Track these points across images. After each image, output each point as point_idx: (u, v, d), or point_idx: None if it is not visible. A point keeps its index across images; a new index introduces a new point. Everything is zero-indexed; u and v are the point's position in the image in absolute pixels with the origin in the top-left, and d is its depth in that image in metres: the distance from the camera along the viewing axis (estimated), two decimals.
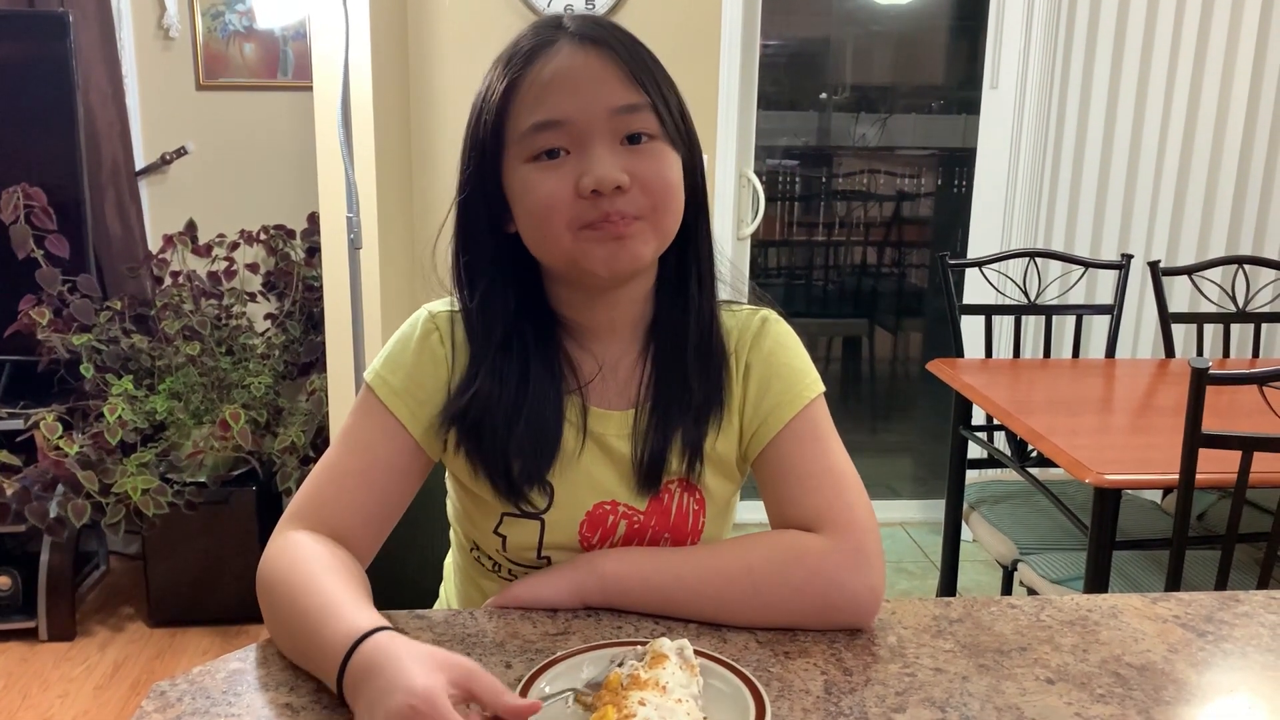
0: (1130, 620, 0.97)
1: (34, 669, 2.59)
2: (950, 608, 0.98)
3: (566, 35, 0.91)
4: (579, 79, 0.89)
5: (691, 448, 1.01)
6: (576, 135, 0.89)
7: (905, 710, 0.80)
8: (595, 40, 0.91)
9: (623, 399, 1.02)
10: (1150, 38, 3.08)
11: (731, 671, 0.81)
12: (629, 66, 0.90)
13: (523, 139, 0.90)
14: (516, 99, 0.91)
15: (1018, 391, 2.26)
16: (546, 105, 0.89)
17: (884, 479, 3.78)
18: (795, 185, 3.76)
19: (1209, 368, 1.58)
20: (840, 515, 0.96)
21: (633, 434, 1.01)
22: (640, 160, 0.90)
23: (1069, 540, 2.17)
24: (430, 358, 1.00)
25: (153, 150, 3.07)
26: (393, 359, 1.01)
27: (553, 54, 0.90)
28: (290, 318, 2.98)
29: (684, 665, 0.79)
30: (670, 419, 1.00)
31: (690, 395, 1.00)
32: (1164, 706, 0.82)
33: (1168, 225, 3.20)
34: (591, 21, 0.93)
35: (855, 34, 3.67)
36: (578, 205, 0.89)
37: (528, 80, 0.90)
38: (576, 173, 0.89)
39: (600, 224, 0.90)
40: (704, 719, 0.74)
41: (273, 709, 0.79)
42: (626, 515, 1.02)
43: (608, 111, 0.89)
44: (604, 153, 0.89)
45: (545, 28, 0.93)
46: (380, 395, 0.98)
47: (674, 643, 0.80)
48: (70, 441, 2.53)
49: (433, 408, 0.99)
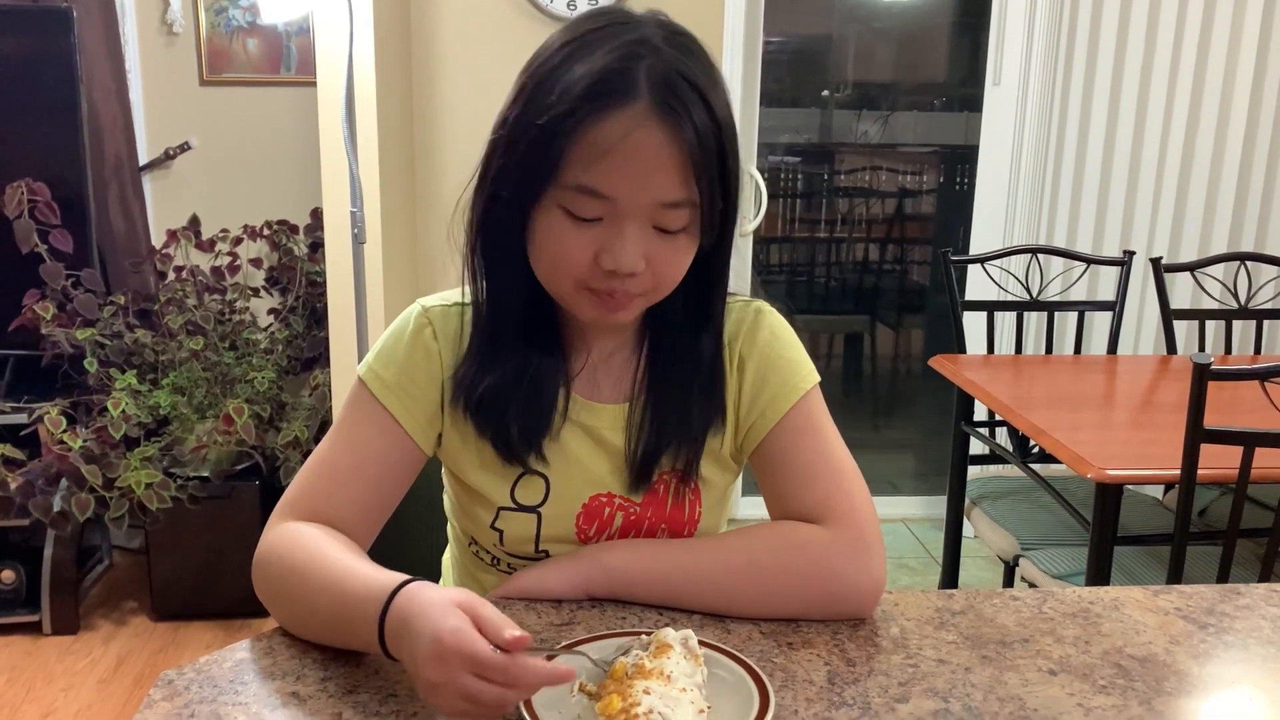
0: (1132, 612, 0.97)
1: (38, 663, 2.59)
2: (953, 599, 0.99)
3: (645, 93, 0.84)
4: (640, 164, 0.84)
5: (688, 449, 1.01)
6: (615, 211, 0.87)
7: (908, 700, 0.81)
8: (673, 113, 0.84)
9: (616, 392, 1.03)
10: (1153, 34, 3.08)
11: (735, 661, 0.82)
12: (693, 156, 0.85)
13: (565, 188, 0.86)
14: (574, 145, 0.85)
15: (1019, 387, 2.27)
16: (599, 175, 0.85)
17: (886, 475, 3.78)
18: (797, 182, 3.77)
19: (1211, 363, 1.59)
20: (840, 506, 0.97)
21: (626, 428, 1.02)
22: (662, 250, 0.89)
23: (1070, 536, 2.18)
24: (423, 353, 1.00)
25: (156, 145, 3.07)
26: (385, 353, 1.01)
27: (625, 118, 0.84)
28: (293, 313, 2.99)
29: (688, 655, 0.79)
30: (665, 417, 1.00)
31: (687, 395, 1.00)
32: (1165, 698, 0.82)
33: (1170, 221, 3.20)
34: (675, 74, 0.85)
35: (857, 31, 3.67)
36: (591, 271, 0.89)
37: (592, 134, 0.84)
38: (600, 243, 0.88)
39: (602, 294, 0.90)
40: (708, 708, 0.75)
41: (279, 697, 0.80)
42: (623, 507, 1.03)
43: (655, 203, 0.86)
44: (634, 236, 0.87)
45: (629, 63, 0.85)
46: (374, 390, 0.99)
47: (679, 633, 0.81)
48: (74, 436, 2.54)
49: (426, 403, 1.00)
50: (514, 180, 0.89)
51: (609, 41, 0.86)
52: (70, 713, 2.38)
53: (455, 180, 0.96)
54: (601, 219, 0.87)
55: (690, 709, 0.73)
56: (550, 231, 0.89)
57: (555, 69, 0.87)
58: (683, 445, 1.01)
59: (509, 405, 0.97)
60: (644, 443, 1.00)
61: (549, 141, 0.85)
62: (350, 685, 0.81)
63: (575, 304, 0.93)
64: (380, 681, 0.82)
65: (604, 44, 0.86)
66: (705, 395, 1.01)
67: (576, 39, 0.88)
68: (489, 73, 2.95)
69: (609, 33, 0.87)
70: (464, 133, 2.98)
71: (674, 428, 1.00)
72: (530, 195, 0.88)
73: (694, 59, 0.87)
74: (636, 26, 0.88)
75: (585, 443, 1.02)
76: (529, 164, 0.87)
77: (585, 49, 0.87)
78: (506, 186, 0.89)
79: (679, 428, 1.00)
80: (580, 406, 1.02)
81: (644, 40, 0.86)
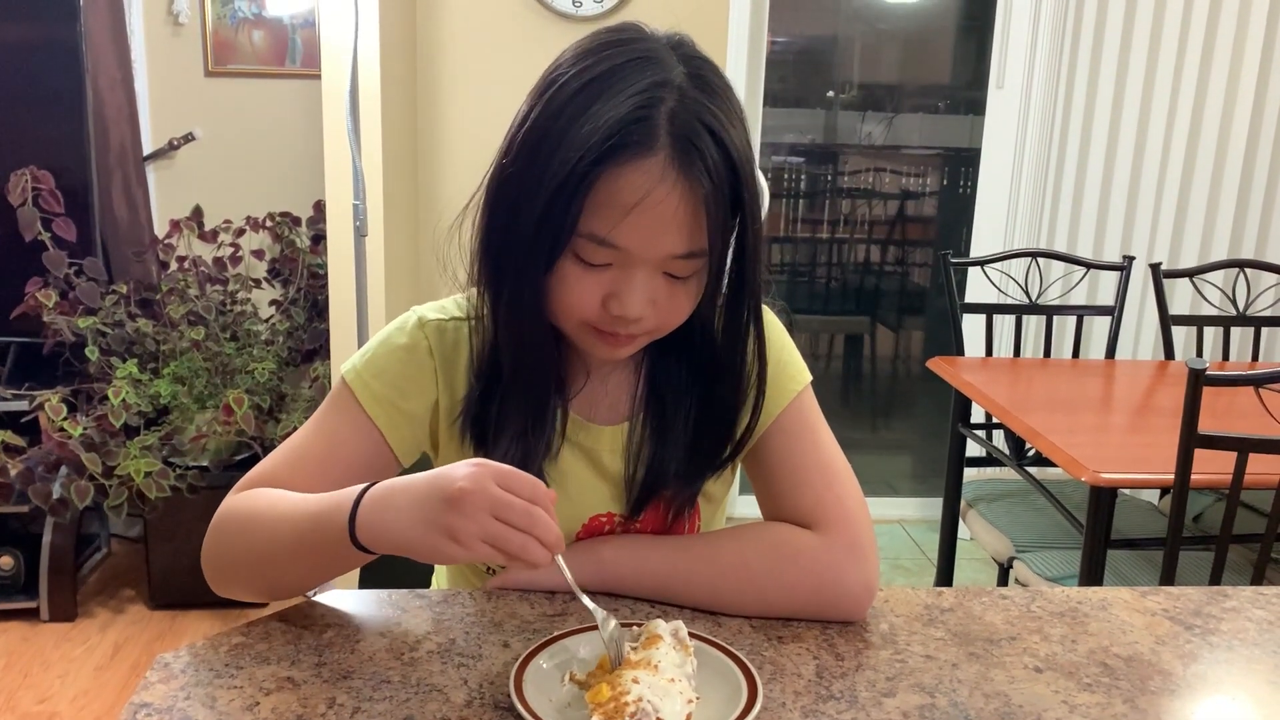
0: (1119, 612, 0.98)
1: (35, 649, 2.60)
2: (942, 597, 1.00)
3: (665, 144, 0.81)
4: (655, 220, 0.83)
5: (690, 487, 1.00)
6: (626, 260, 0.86)
7: (895, 695, 0.82)
8: (691, 166, 0.82)
9: (614, 413, 1.02)
10: (1156, 40, 3.08)
11: (725, 654, 0.83)
12: (709, 208, 0.83)
13: (580, 237, 0.84)
14: (589, 197, 0.82)
15: (1017, 390, 2.27)
16: (614, 229, 0.83)
17: (882, 476, 3.79)
18: (800, 182, 3.77)
19: (1206, 368, 1.60)
20: (833, 510, 0.97)
21: (625, 451, 1.01)
22: (669, 294, 0.88)
23: (1065, 539, 2.18)
24: (417, 369, 0.99)
25: (160, 135, 3.08)
26: (376, 363, 0.99)
27: (642, 172, 0.81)
28: (295, 304, 3.00)
29: (678, 646, 0.80)
30: (665, 445, 0.99)
31: (691, 424, 0.99)
32: (1150, 696, 0.83)
33: (1170, 227, 3.21)
34: (696, 122, 0.82)
35: (862, 32, 3.67)
36: (598, 313, 0.88)
37: (609, 188, 0.82)
38: (609, 288, 0.87)
39: (606, 334, 0.90)
40: (697, 698, 0.76)
41: (274, 681, 0.80)
42: (622, 525, 1.03)
43: (666, 255, 0.85)
44: (643, 283, 0.86)
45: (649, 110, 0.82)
46: (360, 399, 0.97)
47: (669, 624, 0.82)
48: (74, 423, 2.55)
49: (413, 419, 0.99)
50: (530, 225, 0.84)
51: (630, 81, 0.82)
52: (66, 699, 2.39)
53: (457, 174, 0.96)
54: (611, 264, 0.86)
55: (679, 699, 0.74)
56: (560, 275, 0.87)
57: (571, 101, 0.83)
58: (685, 484, 1.00)
59: (508, 430, 0.96)
60: (643, 471, 1.00)
61: (565, 192, 0.82)
62: (344, 671, 0.82)
63: (579, 339, 0.92)
64: (374, 668, 0.83)
65: (624, 84, 0.82)
66: (717, 435, 0.98)
67: (595, 68, 0.84)
68: (493, 67, 2.96)
69: (630, 70, 0.83)
70: (467, 126, 2.99)
71: (677, 459, 0.99)
72: (546, 242, 0.85)
73: (716, 98, 0.85)
74: (657, 62, 0.84)
75: (584, 465, 1.02)
76: (544, 210, 0.83)
77: (604, 85, 0.83)
78: (517, 227, 0.86)
79: (682, 463, 0.99)
80: (578, 427, 1.01)
81: (665, 82, 0.83)
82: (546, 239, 0.85)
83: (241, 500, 0.94)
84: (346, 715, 0.76)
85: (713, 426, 0.98)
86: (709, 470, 1.01)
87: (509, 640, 0.88)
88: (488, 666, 0.84)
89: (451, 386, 0.99)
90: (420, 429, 1.00)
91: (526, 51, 2.94)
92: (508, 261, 0.89)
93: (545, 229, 0.84)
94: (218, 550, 0.94)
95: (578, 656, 0.83)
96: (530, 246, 0.86)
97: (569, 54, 0.87)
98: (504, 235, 0.88)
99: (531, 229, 0.85)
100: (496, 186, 0.89)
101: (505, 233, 0.88)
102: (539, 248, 0.85)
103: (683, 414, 0.99)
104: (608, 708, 0.73)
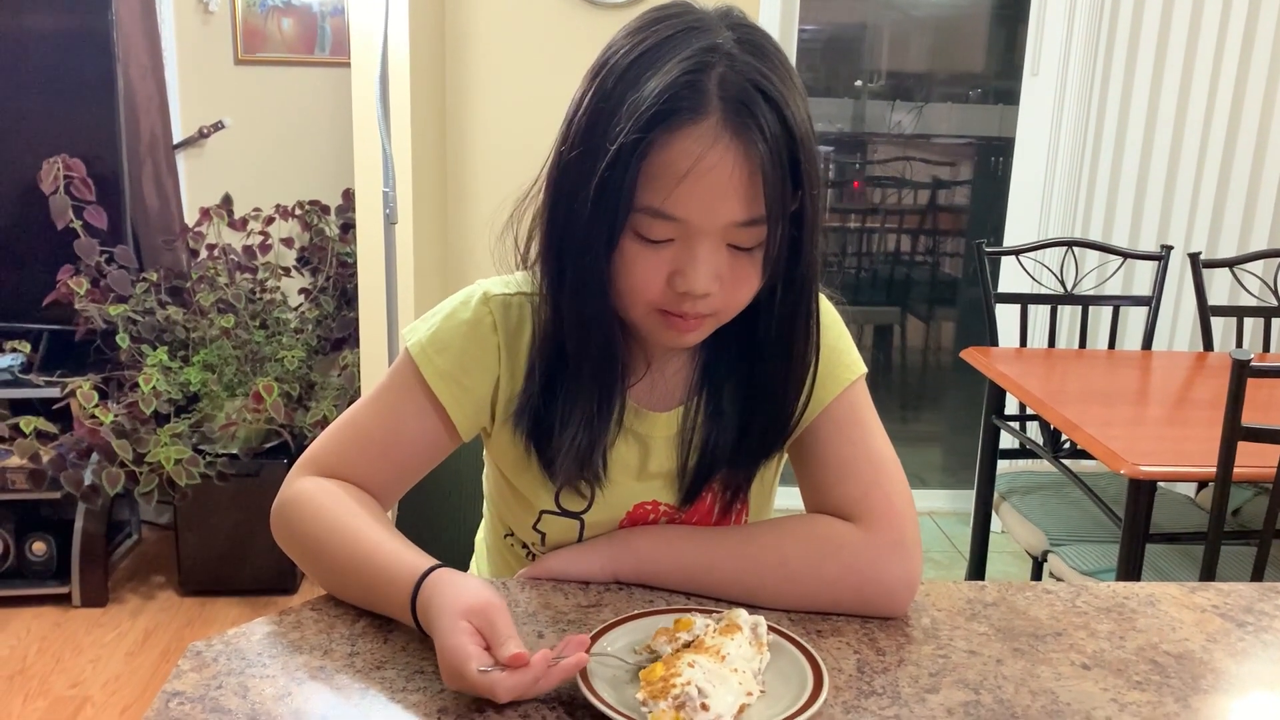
0: (1168, 609, 0.95)
1: (67, 634, 2.62)
2: (984, 591, 0.98)
3: (717, 108, 0.80)
4: (712, 186, 0.81)
5: (743, 472, 0.99)
6: (687, 232, 0.83)
7: (939, 691, 0.80)
8: (745, 128, 0.80)
9: (669, 399, 1.00)
10: (1196, 24, 3.02)
11: (806, 657, 0.80)
12: (766, 173, 0.81)
13: (635, 211, 0.83)
14: (644, 169, 0.81)
15: (1052, 381, 2.24)
16: (671, 199, 0.81)
17: (913, 468, 3.74)
18: (830, 171, 3.74)
19: (1251, 359, 1.56)
20: (878, 505, 0.94)
21: (678, 437, 0.99)
22: (734, 268, 0.86)
23: (1100, 532, 2.15)
24: (481, 347, 0.97)
25: (190, 124, 3.08)
26: (441, 338, 0.97)
27: (695, 138, 0.80)
28: (324, 293, 3.00)
29: (753, 640, 0.79)
30: (719, 430, 0.97)
31: (747, 409, 0.97)
32: (1202, 695, 0.81)
33: (1209, 216, 3.15)
34: (747, 84, 0.80)
35: (893, 20, 3.63)
36: (664, 292, 0.86)
37: (663, 157, 0.80)
38: (674, 264, 0.85)
39: (673, 316, 0.87)
40: (760, 693, 0.74)
41: (306, 671, 0.80)
42: (668, 513, 1.02)
43: (728, 223, 0.83)
44: (707, 256, 0.84)
45: (698, 75, 0.80)
46: (425, 373, 0.96)
47: (751, 618, 0.81)
48: (105, 410, 2.56)
49: (477, 395, 0.98)
50: (587, 205, 0.83)
51: (679, 50, 0.81)
52: (98, 684, 2.41)
53: (487, 162, 0.94)
54: (673, 240, 0.84)
55: (737, 690, 0.73)
56: (623, 255, 0.85)
57: (622, 78, 0.82)
58: (737, 469, 0.98)
59: (574, 418, 0.94)
60: (696, 458, 0.98)
61: (619, 165, 0.81)
62: (378, 661, 0.81)
63: (647, 327, 0.90)
64: (407, 658, 0.82)
65: (673, 52, 0.81)
66: (770, 418, 0.96)
67: (645, 43, 0.83)
68: (522, 54, 2.95)
69: (679, 40, 0.82)
70: (497, 114, 2.97)
71: (729, 446, 0.97)
72: (605, 221, 0.83)
73: (768, 62, 0.82)
74: (707, 30, 0.83)
75: (637, 452, 1.00)
76: (600, 187, 0.82)
77: (654, 57, 0.82)
78: (576, 208, 0.84)
79: (735, 449, 0.97)
80: (633, 414, 0.99)
81: (715, 47, 0.81)
82: (605, 216, 0.83)
83: (308, 501, 0.94)
84: (380, 706, 0.75)
85: (765, 408, 0.96)
86: (762, 454, 0.98)
87: (543, 630, 0.87)
88: None
89: (514, 364, 0.98)
90: (482, 407, 0.99)
91: (555, 38, 2.93)
92: (569, 244, 0.87)
93: (603, 206, 0.82)
94: (283, 531, 0.97)
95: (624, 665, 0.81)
96: (590, 226, 0.84)
97: (620, 35, 0.87)
98: (565, 218, 0.86)
99: (590, 208, 0.83)
100: (557, 173, 0.88)
101: (566, 216, 0.86)
102: (599, 226, 0.83)
103: (736, 397, 0.97)
104: (655, 686, 0.72)
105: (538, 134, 0.92)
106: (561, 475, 0.96)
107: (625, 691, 0.75)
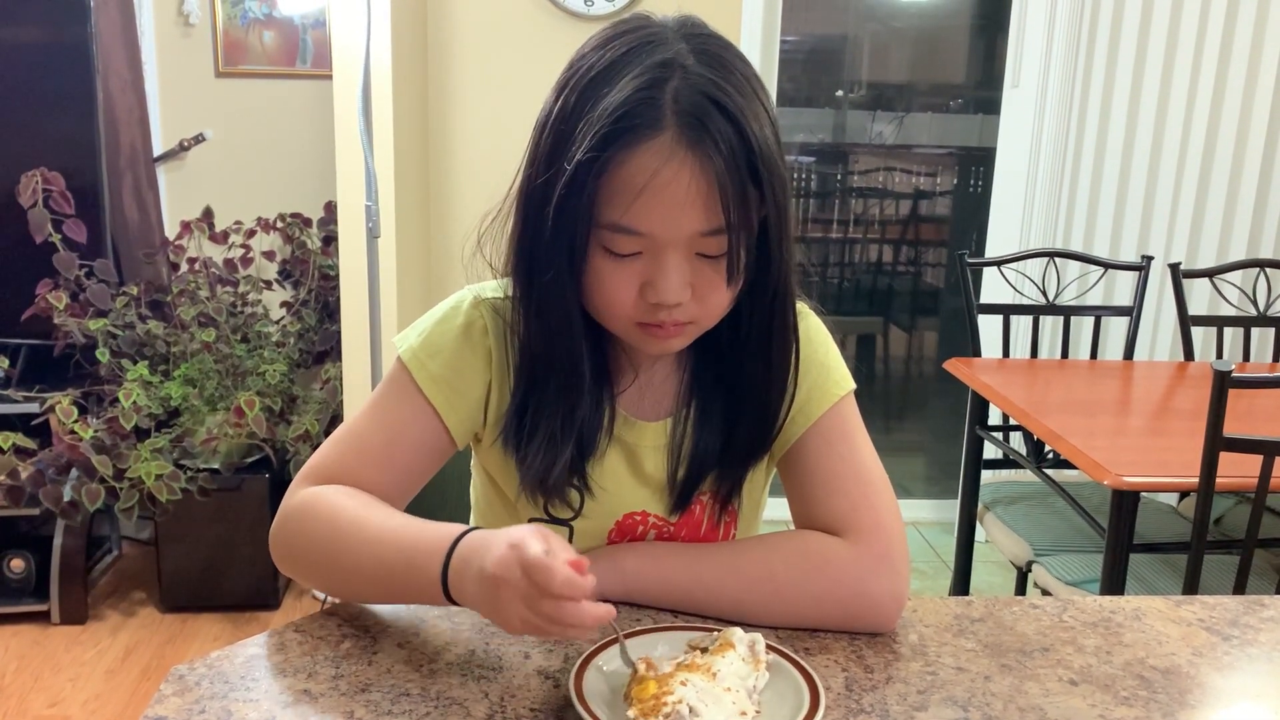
0: (1154, 623, 0.96)
1: (46, 652, 2.59)
2: (972, 607, 0.98)
3: (671, 122, 0.81)
4: (671, 199, 0.81)
5: (730, 479, 0.99)
6: (653, 245, 0.85)
7: (927, 709, 0.80)
8: (699, 142, 0.80)
9: (658, 409, 1.01)
10: (1174, 37, 3.05)
11: (804, 676, 0.80)
12: (726, 181, 0.81)
13: (601, 228, 0.84)
14: (604, 186, 0.82)
15: (1035, 392, 2.25)
16: (631, 214, 0.82)
17: (896, 478, 3.70)
18: (811, 182, 3.75)
19: (1232, 370, 1.57)
20: (866, 520, 0.94)
21: (668, 447, 1.00)
22: (704, 275, 0.86)
23: (1084, 542, 2.16)
24: (472, 350, 0.98)
25: (171, 137, 3.07)
26: (432, 342, 0.98)
27: (651, 153, 0.81)
28: (305, 306, 2.98)
29: (749, 658, 0.78)
30: (707, 439, 0.98)
31: (733, 417, 0.97)
32: (1189, 710, 0.81)
33: (1188, 227, 3.17)
34: (702, 97, 0.81)
35: (873, 31, 3.65)
36: (638, 305, 0.87)
37: (620, 173, 0.82)
38: (644, 276, 0.86)
39: (653, 327, 0.89)
40: (756, 713, 0.74)
41: (290, 695, 0.79)
42: (656, 525, 1.02)
43: (690, 234, 0.84)
44: (676, 265, 0.85)
45: (653, 91, 0.81)
46: (418, 379, 0.96)
47: (748, 635, 0.81)
48: (85, 426, 2.53)
49: (469, 399, 0.98)
50: (549, 219, 0.84)
51: (634, 65, 0.82)
52: (78, 702, 2.38)
53: (469, 175, 0.95)
54: (641, 253, 0.85)
55: (730, 709, 0.72)
56: (594, 270, 0.86)
57: (581, 95, 0.83)
58: (725, 474, 0.99)
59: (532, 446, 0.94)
60: (685, 467, 0.99)
61: (578, 185, 0.82)
62: (362, 683, 0.80)
63: (630, 339, 0.92)
64: (392, 680, 0.81)
65: (629, 68, 0.82)
66: (755, 421, 0.97)
67: (603, 59, 0.84)
68: (505, 67, 2.94)
69: (634, 55, 0.83)
70: (479, 126, 2.97)
71: (717, 453, 0.98)
72: (566, 238, 0.85)
73: (724, 72, 0.83)
74: (663, 44, 0.84)
75: (626, 462, 1.00)
76: (561, 204, 0.83)
77: (610, 74, 0.83)
78: (542, 226, 0.86)
79: (722, 454, 0.98)
80: (623, 424, 0.99)
81: (669, 62, 0.82)
82: (566, 233, 0.84)
83: (320, 503, 0.92)
84: None
85: (749, 412, 0.97)
86: (749, 459, 0.99)
87: (529, 652, 0.86)
88: (508, 679, 0.82)
89: (504, 367, 0.98)
90: (475, 410, 0.99)
91: (538, 51, 2.92)
92: (536, 262, 0.88)
93: (563, 224, 0.84)
94: (290, 542, 0.94)
95: (655, 654, 0.81)
96: (553, 243, 0.85)
97: (581, 50, 0.88)
98: (532, 235, 0.88)
99: (551, 226, 0.84)
100: (524, 191, 0.89)
101: (534, 233, 0.87)
102: (560, 243, 0.85)
103: (722, 404, 0.98)
104: (647, 704, 0.71)
105: (521, 147, 0.93)
106: (526, 489, 0.96)
107: (619, 710, 0.75)
